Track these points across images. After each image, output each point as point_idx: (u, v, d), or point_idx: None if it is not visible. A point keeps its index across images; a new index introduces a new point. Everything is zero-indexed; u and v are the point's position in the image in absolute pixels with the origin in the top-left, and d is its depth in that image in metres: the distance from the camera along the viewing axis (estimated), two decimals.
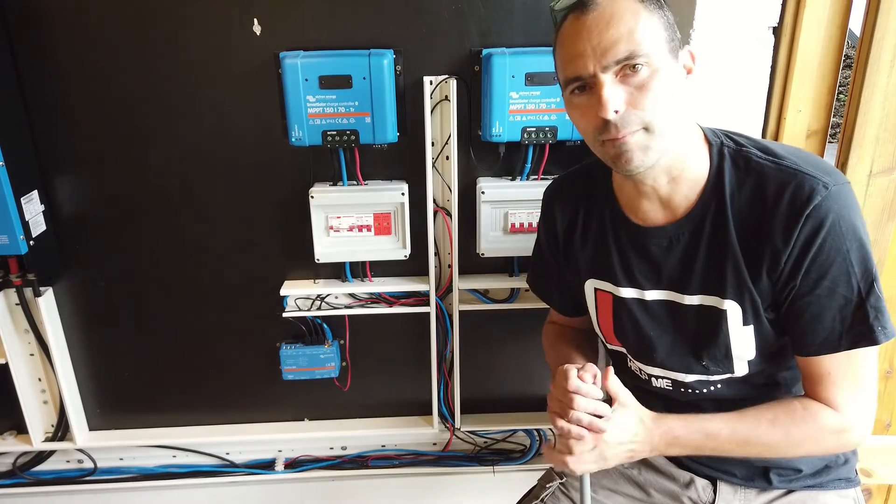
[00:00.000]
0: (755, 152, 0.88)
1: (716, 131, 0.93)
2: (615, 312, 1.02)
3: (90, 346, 1.53)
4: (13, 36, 1.27)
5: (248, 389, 1.59)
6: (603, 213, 1.00)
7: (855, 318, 0.85)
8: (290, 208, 1.40)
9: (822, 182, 0.83)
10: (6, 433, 1.60)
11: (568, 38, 0.83)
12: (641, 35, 0.80)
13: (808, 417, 0.90)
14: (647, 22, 0.80)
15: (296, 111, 1.26)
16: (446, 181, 1.39)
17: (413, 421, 1.61)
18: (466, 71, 1.31)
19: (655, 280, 0.96)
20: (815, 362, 0.89)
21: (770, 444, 0.90)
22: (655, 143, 0.83)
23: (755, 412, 0.92)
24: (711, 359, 0.94)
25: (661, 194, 0.91)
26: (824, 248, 0.83)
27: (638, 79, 0.81)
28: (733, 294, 0.89)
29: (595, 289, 1.04)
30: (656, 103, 0.81)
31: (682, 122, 0.86)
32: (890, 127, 1.29)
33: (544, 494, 1.14)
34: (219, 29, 1.27)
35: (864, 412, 0.90)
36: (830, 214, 0.82)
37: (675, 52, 0.83)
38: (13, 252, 1.30)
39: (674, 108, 0.83)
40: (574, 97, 0.85)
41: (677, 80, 0.84)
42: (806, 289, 0.85)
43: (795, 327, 0.89)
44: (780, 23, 1.27)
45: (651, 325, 0.98)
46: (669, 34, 0.83)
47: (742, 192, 0.87)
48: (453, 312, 1.48)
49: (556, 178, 1.12)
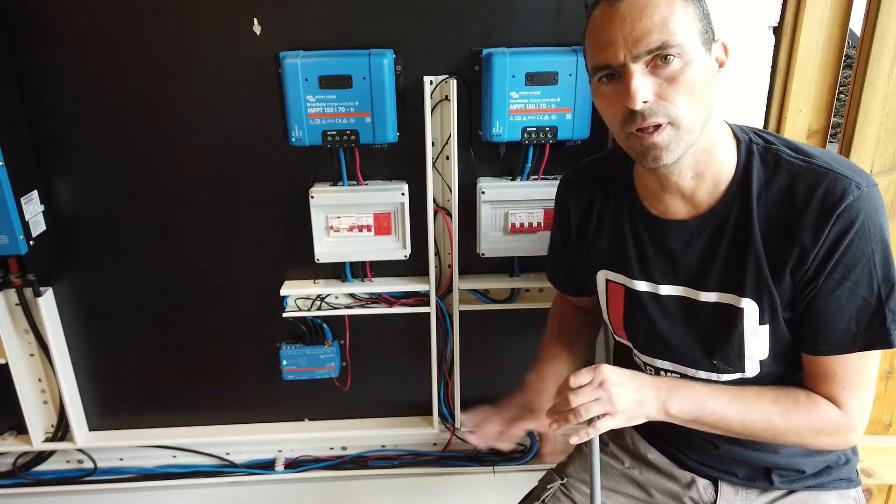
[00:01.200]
0: (785, 150, 0.87)
1: (744, 128, 0.92)
2: (626, 305, 1.01)
3: (90, 346, 1.53)
4: (13, 36, 1.27)
5: (248, 389, 1.59)
6: (621, 204, 0.99)
7: (872, 320, 0.84)
8: (290, 208, 1.40)
9: (855, 182, 0.81)
10: (6, 433, 1.59)
11: (599, 25, 0.81)
12: (676, 25, 0.77)
13: (812, 406, 0.89)
14: (683, 12, 0.78)
15: (296, 111, 1.26)
16: (446, 181, 1.39)
17: (413, 421, 1.61)
18: (466, 71, 1.31)
19: (672, 275, 0.95)
20: (823, 361, 0.88)
21: (769, 422, 0.89)
22: (683, 138, 0.82)
23: (759, 388, 0.91)
24: (723, 358, 0.93)
25: (685, 189, 0.90)
26: (850, 249, 0.82)
27: (669, 70, 0.79)
28: (752, 293, 0.88)
29: (607, 280, 1.03)
30: (686, 96, 0.80)
31: (711, 117, 0.84)
32: (890, 127, 1.29)
33: (545, 495, 1.14)
34: (219, 29, 1.27)
35: (865, 412, 0.90)
36: (861, 215, 0.81)
37: (708, 44, 0.82)
38: (13, 252, 1.30)
39: (703, 102, 0.81)
40: (602, 85, 0.84)
41: (709, 73, 0.82)
42: (827, 289, 0.84)
43: (810, 326, 0.88)
44: (780, 23, 1.27)
45: (663, 319, 0.97)
46: (704, 25, 0.81)
47: (770, 189, 0.86)
48: (453, 312, 1.48)
49: (574, 167, 1.10)
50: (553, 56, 1.24)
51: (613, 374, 0.88)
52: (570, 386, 0.88)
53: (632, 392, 0.88)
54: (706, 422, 0.90)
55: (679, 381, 0.92)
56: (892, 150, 1.31)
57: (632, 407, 0.88)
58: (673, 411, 0.90)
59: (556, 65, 1.24)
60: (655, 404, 0.89)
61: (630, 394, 0.88)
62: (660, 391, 0.90)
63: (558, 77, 1.24)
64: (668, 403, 0.89)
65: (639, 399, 0.88)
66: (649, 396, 0.89)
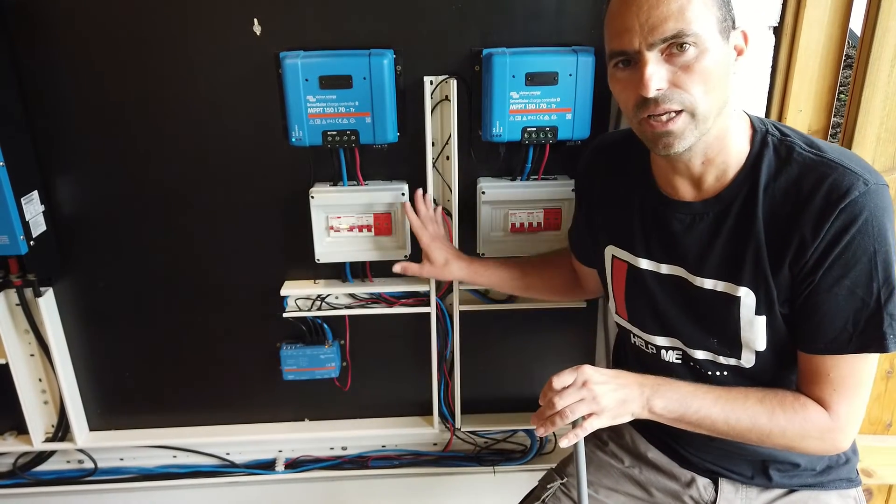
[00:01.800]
0: (799, 143, 0.87)
1: (763, 119, 0.92)
2: (629, 282, 1.01)
3: (90, 346, 1.53)
4: (13, 36, 1.27)
5: (249, 389, 1.59)
6: (634, 180, 0.99)
7: (869, 322, 0.84)
8: (290, 208, 1.40)
9: (863, 179, 0.81)
10: (6, 433, 1.59)
11: (617, 11, 0.81)
12: (693, 13, 0.77)
13: (799, 408, 0.89)
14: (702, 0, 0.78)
15: (296, 111, 1.26)
16: (446, 181, 1.39)
17: (413, 421, 1.61)
18: (467, 71, 1.31)
19: (672, 256, 0.95)
20: (817, 360, 0.88)
21: (754, 422, 0.89)
22: (699, 126, 0.82)
23: (745, 389, 0.91)
24: (721, 340, 0.94)
25: (693, 173, 0.90)
26: (851, 246, 0.81)
27: (684, 58, 0.79)
28: (749, 282, 0.88)
29: (613, 257, 1.03)
30: (701, 85, 0.80)
31: (726, 105, 0.84)
32: (890, 127, 1.29)
33: (545, 495, 1.14)
34: (219, 29, 1.27)
35: (855, 417, 0.89)
36: (865, 212, 0.80)
37: (726, 32, 0.81)
38: (13, 252, 1.30)
39: (719, 91, 0.82)
40: (617, 70, 0.84)
41: (726, 61, 0.82)
42: (825, 285, 0.84)
43: (806, 323, 0.87)
44: (780, 23, 1.27)
45: (664, 297, 0.97)
46: (723, 13, 0.81)
47: (778, 180, 0.86)
48: (453, 312, 1.48)
49: (601, 136, 1.14)
50: (553, 56, 1.24)
51: (596, 374, 0.88)
52: (554, 388, 0.88)
53: (616, 390, 0.88)
54: (691, 420, 0.90)
55: (664, 380, 0.92)
56: (893, 150, 1.31)
57: (616, 405, 0.88)
58: (657, 409, 0.89)
59: (556, 65, 1.24)
60: (639, 402, 0.89)
61: (614, 392, 0.88)
62: (643, 388, 0.90)
63: (558, 77, 1.24)
64: (652, 401, 0.89)
65: (623, 397, 0.88)
66: (633, 394, 0.89)
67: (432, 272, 1.27)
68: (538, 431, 0.90)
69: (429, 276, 1.28)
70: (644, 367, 1.05)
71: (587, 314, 1.52)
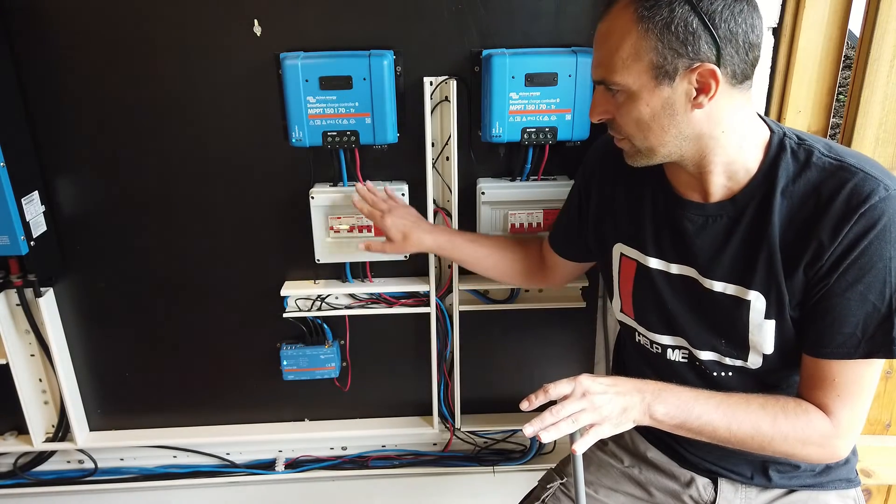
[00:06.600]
0: (819, 148, 0.86)
1: (780, 125, 0.91)
2: (637, 280, 1.01)
3: (91, 346, 1.53)
4: (13, 36, 1.27)
5: (249, 389, 1.59)
6: (648, 179, 0.99)
7: (878, 328, 0.84)
8: (290, 209, 1.40)
9: (884, 184, 0.81)
10: (7, 433, 1.60)
11: None
12: (618, 61, 0.81)
13: (801, 414, 0.88)
14: (635, 45, 0.79)
15: (296, 112, 1.26)
16: (446, 182, 1.39)
17: (413, 421, 1.61)
18: (466, 71, 1.31)
19: (681, 255, 0.95)
20: (822, 365, 0.88)
21: (756, 428, 0.88)
22: (647, 155, 0.88)
23: (747, 395, 0.91)
24: (728, 343, 0.94)
25: (692, 179, 0.92)
26: (868, 251, 0.81)
27: (616, 100, 0.85)
28: (760, 286, 0.88)
29: (622, 254, 1.03)
30: (633, 126, 0.85)
31: (687, 138, 0.85)
32: (890, 128, 1.30)
33: (545, 495, 1.14)
34: (219, 29, 1.27)
35: (856, 425, 0.89)
36: (884, 218, 0.80)
37: (667, 77, 0.80)
38: (14, 253, 1.30)
39: (657, 131, 0.84)
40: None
41: (666, 105, 0.82)
42: (838, 289, 0.83)
43: (815, 326, 0.87)
44: (779, 23, 1.27)
45: (672, 297, 0.97)
46: (662, 59, 0.79)
47: (797, 184, 0.85)
48: (453, 312, 1.48)
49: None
50: (553, 57, 1.24)
51: (594, 384, 0.87)
52: (551, 397, 0.88)
53: (616, 399, 0.88)
54: (692, 427, 0.90)
55: (664, 385, 0.91)
56: (892, 150, 1.32)
57: (618, 414, 0.88)
58: (658, 415, 0.89)
59: (555, 66, 1.24)
60: (640, 408, 0.89)
61: (615, 401, 0.87)
62: (644, 395, 0.89)
63: (558, 78, 1.24)
64: (652, 407, 0.89)
65: (624, 405, 0.88)
66: (634, 402, 0.89)
67: (393, 248, 1.24)
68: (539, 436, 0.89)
69: (392, 252, 1.25)
70: (648, 366, 1.05)
71: (587, 314, 1.52)
